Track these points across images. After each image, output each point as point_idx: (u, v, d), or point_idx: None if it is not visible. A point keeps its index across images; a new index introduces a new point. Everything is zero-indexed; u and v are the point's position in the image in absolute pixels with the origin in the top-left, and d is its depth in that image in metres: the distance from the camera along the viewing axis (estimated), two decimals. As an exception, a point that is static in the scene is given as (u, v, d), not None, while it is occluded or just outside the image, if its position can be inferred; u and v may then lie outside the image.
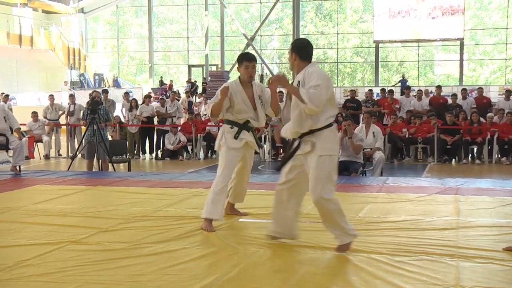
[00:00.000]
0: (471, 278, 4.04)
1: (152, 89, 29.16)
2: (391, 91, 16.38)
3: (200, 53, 34.26)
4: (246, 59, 5.60)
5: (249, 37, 31.43)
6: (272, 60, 34.28)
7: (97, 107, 10.82)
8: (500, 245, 4.80)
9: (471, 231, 5.33)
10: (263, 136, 14.76)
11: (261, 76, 31.12)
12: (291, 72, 5.48)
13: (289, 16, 32.25)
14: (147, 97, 16.47)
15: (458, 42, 28.52)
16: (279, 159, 14.58)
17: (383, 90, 17.01)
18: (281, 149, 14.91)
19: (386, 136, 13.31)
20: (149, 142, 15.68)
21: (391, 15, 28.24)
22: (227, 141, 5.56)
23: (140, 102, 16.39)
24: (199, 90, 27.76)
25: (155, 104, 17.23)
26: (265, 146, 14.82)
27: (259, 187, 8.05)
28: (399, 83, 25.69)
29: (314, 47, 4.82)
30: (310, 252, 4.67)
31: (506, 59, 30.45)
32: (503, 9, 30.30)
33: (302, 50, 4.64)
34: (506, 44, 29.96)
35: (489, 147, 13.62)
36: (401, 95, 17.89)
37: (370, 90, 17.44)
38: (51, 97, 16.46)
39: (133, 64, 37.09)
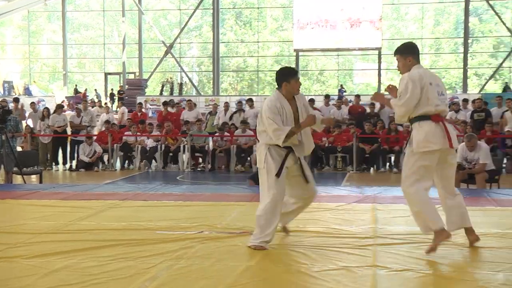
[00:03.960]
0: (387, 286, 4.11)
1: (66, 97, 28.30)
2: (311, 100, 16.60)
3: (117, 60, 33.59)
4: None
5: (168, 45, 31.14)
6: (192, 68, 34.11)
7: (7, 117, 10.32)
8: (415, 252, 4.90)
9: (388, 239, 5.42)
10: (182, 145, 14.59)
11: (180, 85, 30.87)
12: (211, 81, 5.38)
13: (208, 24, 32.18)
14: (59, 107, 15.87)
15: (376, 52, 29.33)
16: (198, 169, 14.45)
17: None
18: (200, 159, 14.80)
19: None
20: (63, 153, 15.14)
21: (310, 24, 28.66)
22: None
23: (52, 111, 15.76)
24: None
25: (68, 113, 16.66)
26: (183, 156, 14.65)
27: (177, 198, 7.92)
28: (339, 92, 26.05)
29: (233, 55, 4.79)
30: (230, 263, 4.60)
31: (421, 69, 31.66)
32: (418, 20, 31.54)
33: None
34: (422, 54, 31.12)
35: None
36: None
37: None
38: None
39: (46, 71, 35.92)
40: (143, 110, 18.68)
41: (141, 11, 31.33)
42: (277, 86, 5.30)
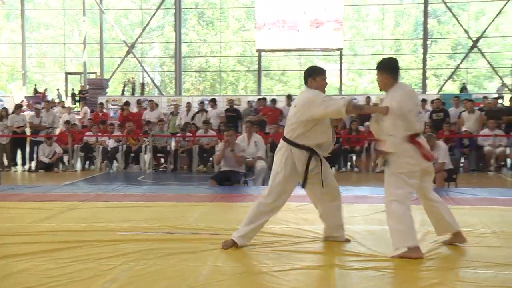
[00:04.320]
0: (346, 286, 4.15)
1: (25, 97, 27.76)
2: (274, 100, 16.64)
3: (78, 60, 33.11)
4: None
5: (129, 44, 30.85)
6: (154, 68, 33.84)
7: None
8: (375, 251, 4.97)
9: (348, 238, 5.46)
10: (143, 146, 14.48)
11: (142, 85, 30.62)
12: (173, 82, 5.32)
13: (170, 24, 31.98)
14: (18, 107, 15.57)
15: (338, 52, 29.56)
16: (160, 169, 14.37)
17: (263, 99, 17.23)
18: (162, 159, 14.72)
19: (269, 145, 13.43)
20: (22, 154, 14.86)
21: (267, 25, 28.69)
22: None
23: (11, 111, 15.46)
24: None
25: (28, 113, 16.36)
26: (145, 156, 14.54)
27: (139, 198, 7.87)
28: None
29: (196, 55, 4.76)
30: (191, 263, 4.60)
31: (383, 69, 32.08)
32: (379, 21, 31.94)
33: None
34: (382, 55, 31.56)
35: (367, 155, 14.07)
36: None
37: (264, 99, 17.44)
38: None
39: (4, 71, 35.17)
40: (104, 110, 18.50)
41: (102, 11, 30.96)
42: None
